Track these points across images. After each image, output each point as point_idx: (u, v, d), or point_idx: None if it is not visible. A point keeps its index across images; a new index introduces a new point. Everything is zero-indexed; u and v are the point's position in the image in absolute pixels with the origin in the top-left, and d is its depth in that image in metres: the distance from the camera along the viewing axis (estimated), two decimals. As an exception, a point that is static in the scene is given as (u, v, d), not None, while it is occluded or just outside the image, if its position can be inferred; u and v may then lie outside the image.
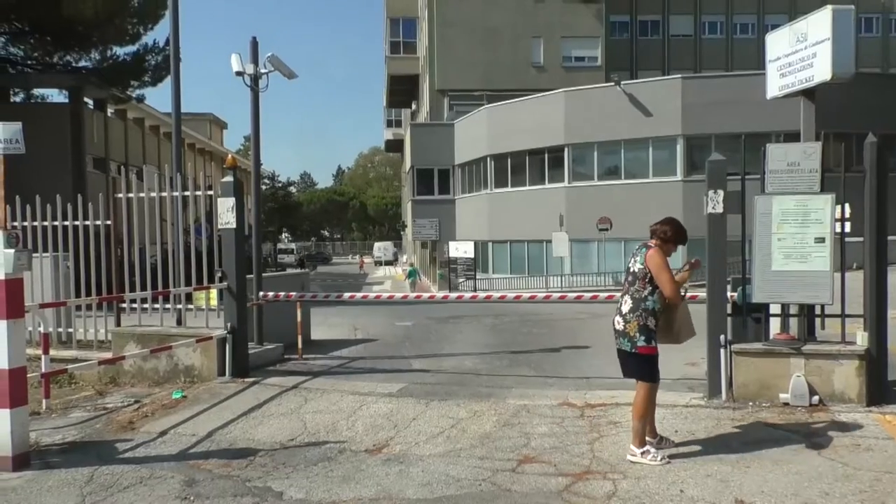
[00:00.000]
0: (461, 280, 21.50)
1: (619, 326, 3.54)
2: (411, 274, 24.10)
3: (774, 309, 4.48)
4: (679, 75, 19.49)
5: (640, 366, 3.48)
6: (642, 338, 3.45)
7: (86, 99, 16.50)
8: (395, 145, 51.47)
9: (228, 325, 5.55)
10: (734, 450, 3.54)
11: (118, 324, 5.88)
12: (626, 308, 3.52)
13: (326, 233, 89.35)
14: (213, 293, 5.86)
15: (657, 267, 3.46)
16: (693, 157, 19.11)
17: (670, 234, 3.61)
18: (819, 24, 4.31)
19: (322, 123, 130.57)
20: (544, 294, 5.75)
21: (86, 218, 5.95)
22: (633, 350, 3.46)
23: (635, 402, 3.51)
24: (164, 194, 5.89)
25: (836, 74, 4.24)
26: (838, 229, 4.24)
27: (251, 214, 6.82)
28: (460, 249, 21.23)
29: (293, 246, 54.87)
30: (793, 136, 5.14)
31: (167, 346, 5.32)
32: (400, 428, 4.13)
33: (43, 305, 4.78)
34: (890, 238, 4.46)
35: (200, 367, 5.50)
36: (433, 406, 4.60)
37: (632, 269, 3.56)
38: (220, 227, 5.64)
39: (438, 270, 25.16)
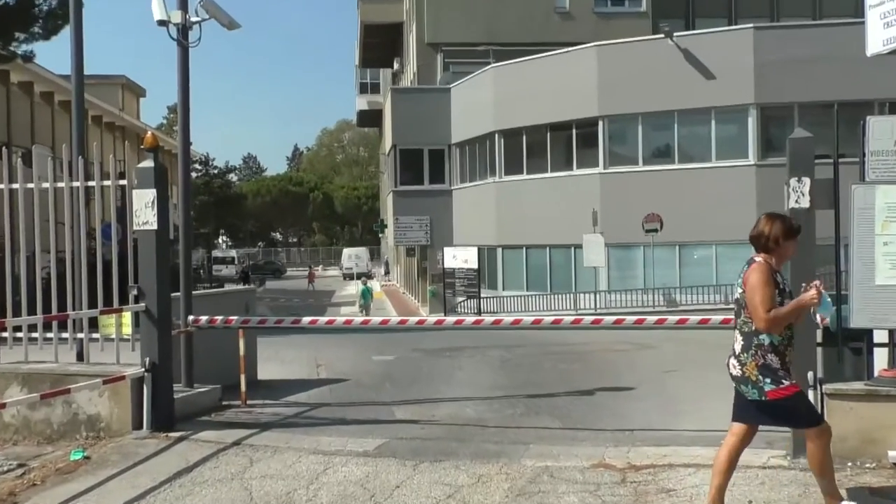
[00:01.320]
0: (460, 299, 21.67)
1: (735, 371, 3.45)
2: (364, 294, 23.98)
3: (880, 336, 4.34)
4: (751, 25, 19.57)
5: (787, 413, 3.35)
6: (767, 380, 3.33)
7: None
8: (370, 118, 51.97)
9: (147, 360, 5.50)
10: (828, 529, 3.56)
11: (-5, 360, 5.68)
12: (738, 346, 3.43)
13: (279, 235, 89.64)
14: (127, 318, 5.77)
15: (750, 287, 3.33)
16: (769, 132, 19.24)
17: (779, 235, 3.40)
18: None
19: (272, 89, 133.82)
20: (572, 317, 5.77)
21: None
22: (764, 398, 3.34)
23: (810, 454, 3.38)
24: (59, 185, 5.66)
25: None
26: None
27: (178, 211, 6.78)
28: (459, 258, 21.31)
29: (234, 253, 55.23)
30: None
31: (64, 389, 5.07)
32: (378, 500, 4.01)
33: None
34: None
35: (109, 418, 5.41)
36: (423, 469, 4.46)
37: (735, 296, 3.47)
38: (136, 228, 5.57)
39: (429, 287, 25.44)
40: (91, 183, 5.68)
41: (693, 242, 19.56)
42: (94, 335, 5.80)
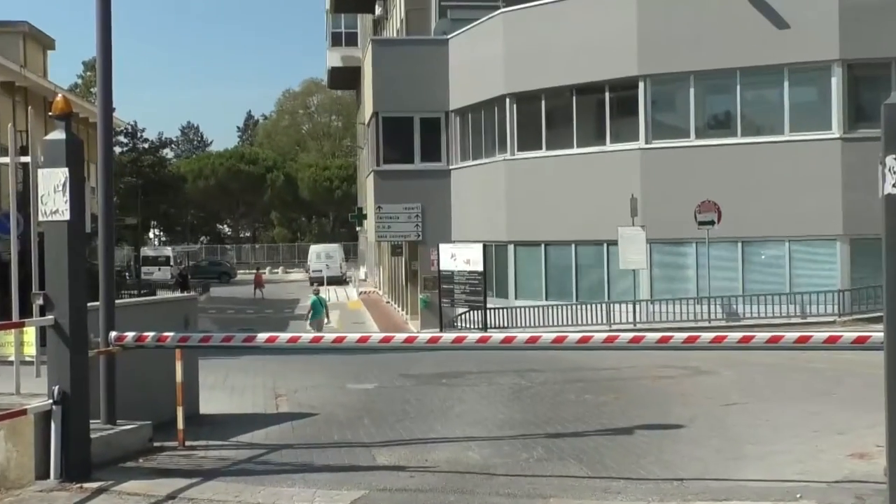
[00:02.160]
0: (460, 311, 21.80)
1: None
2: (315, 308, 24.20)
3: None
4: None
5: None
6: None
7: None
8: (345, 77, 52.00)
9: (55, 389, 5.42)
10: None
11: None
12: None
13: (227, 229, 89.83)
14: (30, 334, 5.74)
15: None
16: (859, 97, 19.25)
17: None
18: None
19: (220, 43, 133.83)
20: (605, 334, 5.74)
21: None
22: None
23: None
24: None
25: None
26: None
27: (97, 197, 6.72)
28: (459, 257, 21.39)
29: (169, 252, 55.18)
30: None
31: (-55, 427, 5.08)
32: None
33: None
34: None
35: (5, 465, 5.34)
36: (412, 532, 4.37)
37: None
38: (41, 219, 5.54)
39: (421, 295, 25.71)
40: (-18, 160, 5.67)
41: (759, 238, 19.60)
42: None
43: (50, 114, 5.71)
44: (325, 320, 24.67)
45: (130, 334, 6.16)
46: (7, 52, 25.59)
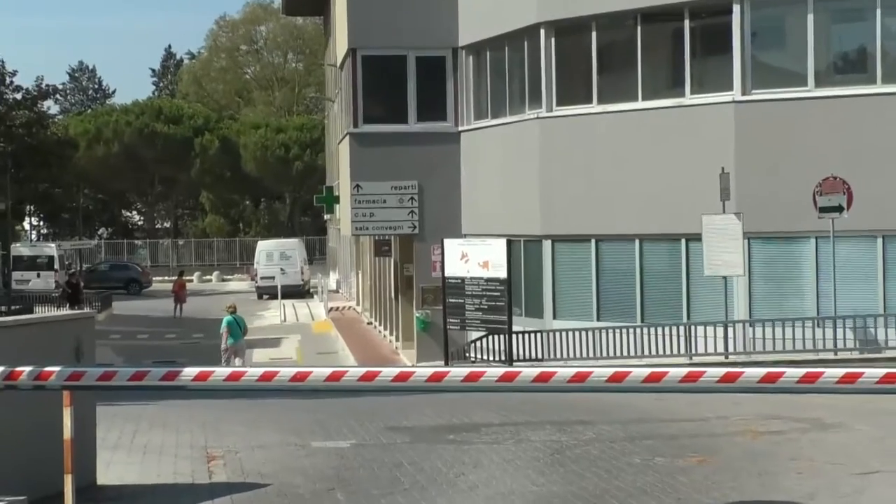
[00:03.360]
0: (475, 336, 21.92)
1: None
2: (233, 329, 24.49)
3: None
4: None
5: None
6: None
7: None
8: (305, 1, 52.50)
9: None
10: None
11: None
12: None
13: (137, 217, 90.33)
14: None
15: None
16: None
17: None
18: None
19: None
20: (683, 370, 5.74)
21: None
22: None
23: None
24: None
25: None
26: None
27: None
28: (473, 258, 21.47)
29: (53, 250, 55.11)
30: None
31: None
32: None
33: None
34: None
35: None
36: None
37: None
38: None
39: (418, 313, 25.97)
40: None
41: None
42: None
43: None
44: (241, 346, 24.96)
45: (-2, 369, 6.16)
46: None
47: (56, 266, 52.46)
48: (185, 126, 74.03)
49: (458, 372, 5.69)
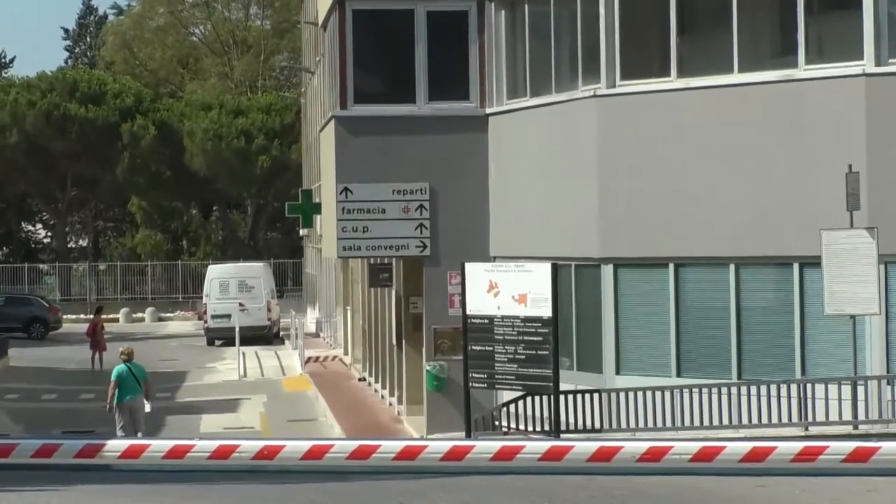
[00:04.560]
0: (508, 398, 21.86)
1: None
2: (127, 382, 24.89)
3: None
4: None
5: None
6: None
7: None
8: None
9: None
10: None
11: None
12: None
13: (42, 230, 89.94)
14: None
15: None
16: None
17: None
18: None
19: None
20: (799, 443, 5.84)
21: None
22: None
23: None
24: None
25: None
26: None
27: None
28: (506, 289, 21.45)
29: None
30: None
31: None
32: None
33: None
34: None
35: None
36: None
37: None
38: None
39: (429, 365, 25.97)
40: None
41: None
42: None
43: None
44: (146, 407, 25.16)
45: None
46: None
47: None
48: (110, 107, 73.92)
49: (485, 447, 5.79)
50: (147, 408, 25.26)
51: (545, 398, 20.94)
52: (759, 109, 21.56)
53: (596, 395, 21.63)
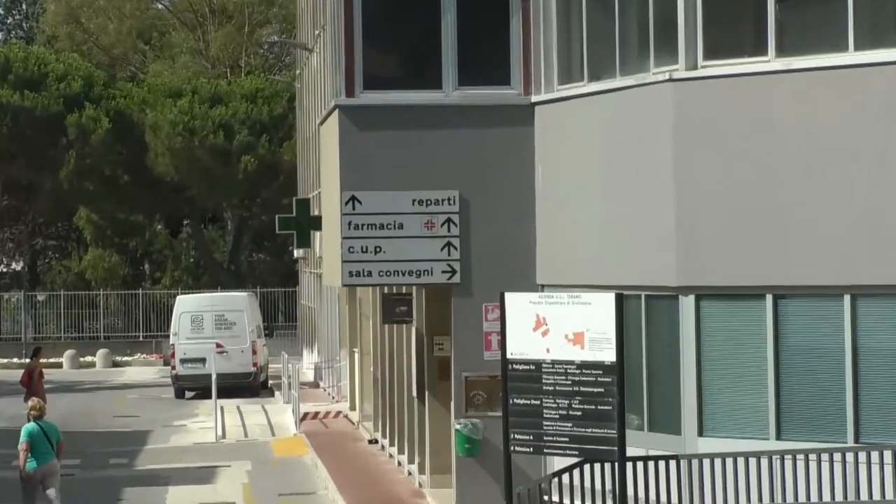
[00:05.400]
0: (561, 465, 21.76)
1: None
2: (38, 444, 25.15)
3: None
4: None
5: None
6: None
7: None
8: None
9: None
10: None
11: None
12: None
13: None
14: None
15: None
16: None
17: None
18: None
19: None
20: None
21: None
22: None
23: None
24: None
25: None
26: None
27: None
28: (557, 326, 21.43)
29: None
30: None
31: None
32: None
33: None
34: None
35: None
36: None
37: None
38: None
39: (458, 423, 25.77)
40: None
41: None
42: None
43: None
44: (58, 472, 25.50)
45: None
46: None
47: None
48: (51, 93, 74.18)
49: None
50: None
51: (608, 466, 20.84)
52: (881, 98, 21.48)
53: (672, 463, 21.57)
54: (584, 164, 25.14)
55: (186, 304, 54.79)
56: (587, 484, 21.22)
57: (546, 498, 21.63)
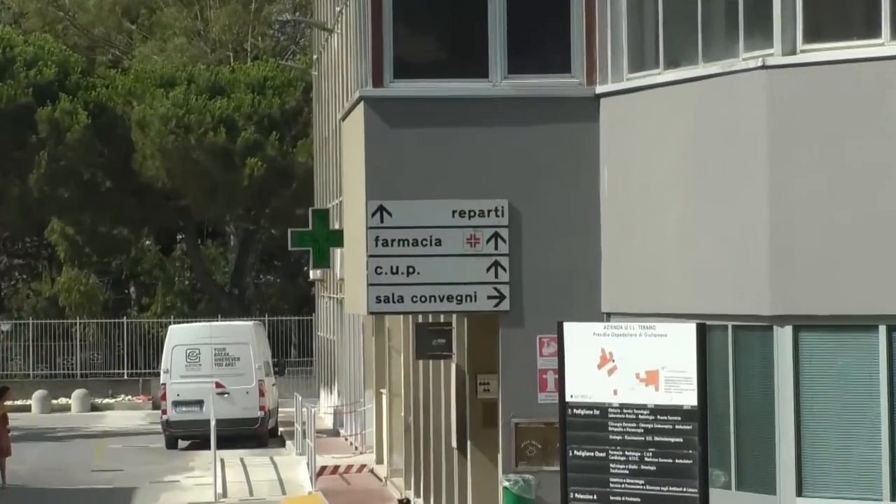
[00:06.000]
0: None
1: None
2: None
3: None
4: None
5: None
6: None
7: None
8: None
9: None
10: None
11: None
12: None
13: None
14: None
15: None
16: None
17: None
18: None
19: None
20: None
21: None
22: None
23: None
24: None
25: None
26: None
27: None
28: (627, 363, 21.52)
29: None
30: None
31: None
32: None
33: None
34: None
35: None
36: None
37: None
38: None
39: (508, 480, 25.53)
40: None
41: None
42: None
43: None
44: None
45: None
46: None
47: None
48: (19, 82, 74.64)
49: None
50: None
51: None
52: None
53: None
54: (660, 168, 25.09)
55: (180, 336, 54.91)
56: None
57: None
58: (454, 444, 29.10)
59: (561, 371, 21.73)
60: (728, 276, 23.45)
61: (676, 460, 20.49)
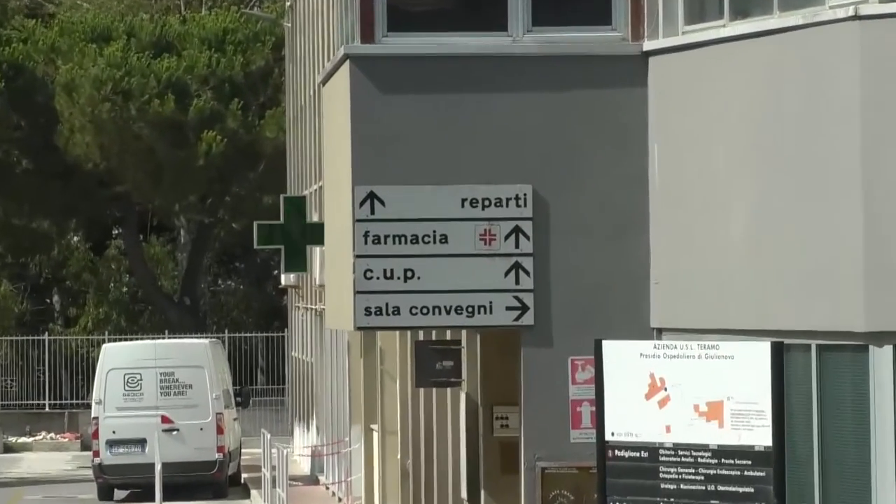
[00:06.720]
0: None
1: None
2: None
3: None
4: None
5: None
6: None
7: None
8: None
9: None
10: None
11: None
12: None
13: None
14: None
15: None
16: None
17: None
18: None
19: None
20: None
21: None
22: None
23: None
24: None
25: None
26: None
27: None
28: (682, 392, 21.67)
29: None
30: None
31: None
32: None
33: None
34: None
35: None
36: None
37: None
38: None
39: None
40: None
41: None
42: None
43: None
44: None
45: None
46: None
47: None
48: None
49: None
50: None
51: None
52: None
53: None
54: (725, 147, 25.02)
55: (117, 358, 55.09)
56: None
57: None
58: (464, 494, 29.17)
59: (599, 402, 21.77)
60: (812, 283, 23.38)
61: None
